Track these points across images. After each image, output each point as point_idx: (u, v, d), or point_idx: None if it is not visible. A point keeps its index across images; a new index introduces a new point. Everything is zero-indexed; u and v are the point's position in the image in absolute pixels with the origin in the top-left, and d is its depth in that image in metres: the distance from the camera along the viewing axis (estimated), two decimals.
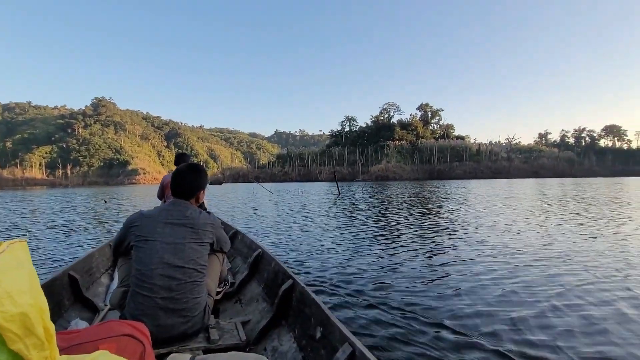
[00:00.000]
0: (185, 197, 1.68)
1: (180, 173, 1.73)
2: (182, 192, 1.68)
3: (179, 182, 1.69)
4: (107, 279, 2.62)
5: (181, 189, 1.68)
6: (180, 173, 1.73)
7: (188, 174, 1.73)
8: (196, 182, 1.72)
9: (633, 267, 3.78)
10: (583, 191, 19.72)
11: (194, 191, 1.71)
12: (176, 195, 1.69)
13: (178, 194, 1.68)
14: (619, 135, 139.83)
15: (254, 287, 2.37)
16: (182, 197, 1.68)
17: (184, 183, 1.69)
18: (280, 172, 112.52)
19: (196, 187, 1.72)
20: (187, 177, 1.71)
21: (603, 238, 5.49)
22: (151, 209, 1.66)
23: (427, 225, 7.20)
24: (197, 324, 1.54)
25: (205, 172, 1.81)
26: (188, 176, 1.72)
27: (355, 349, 1.18)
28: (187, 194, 1.69)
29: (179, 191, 1.68)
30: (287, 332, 1.70)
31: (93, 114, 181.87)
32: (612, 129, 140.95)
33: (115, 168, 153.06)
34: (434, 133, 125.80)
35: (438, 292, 3.00)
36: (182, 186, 1.69)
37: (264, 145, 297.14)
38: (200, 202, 1.70)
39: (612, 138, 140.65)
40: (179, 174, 1.72)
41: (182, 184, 1.69)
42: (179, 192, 1.68)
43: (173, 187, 1.70)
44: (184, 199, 1.68)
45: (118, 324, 1.02)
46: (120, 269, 1.72)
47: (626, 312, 2.56)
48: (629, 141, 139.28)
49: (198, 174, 1.75)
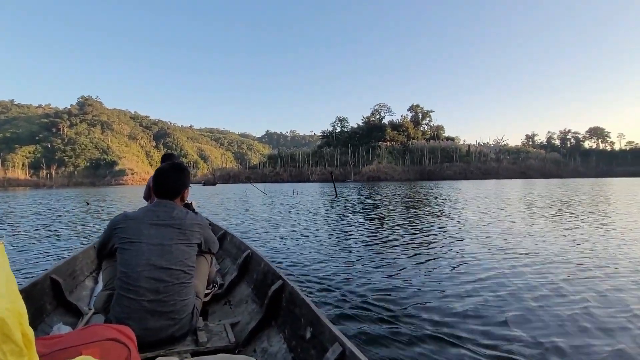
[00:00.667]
0: (170, 197, 1.65)
1: (163, 173, 1.69)
2: (166, 192, 1.65)
3: (162, 182, 1.66)
4: (92, 282, 2.54)
5: (165, 188, 1.65)
6: (162, 173, 1.69)
7: (171, 173, 1.69)
8: (180, 181, 1.69)
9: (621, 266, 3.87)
10: (571, 192, 20.02)
11: (178, 190, 1.68)
12: (160, 196, 1.65)
13: (162, 195, 1.65)
14: (602, 137, 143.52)
15: (244, 289, 2.34)
16: (166, 197, 1.64)
17: (167, 183, 1.66)
18: (272, 172, 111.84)
19: (180, 186, 1.69)
20: (170, 177, 1.67)
21: (586, 238, 5.63)
22: (136, 210, 1.62)
23: (422, 227, 7.06)
24: (184, 326, 1.51)
25: (187, 170, 1.78)
26: (171, 176, 1.68)
27: (345, 348, 1.18)
28: (172, 194, 1.66)
29: (162, 191, 1.65)
30: (277, 333, 1.69)
31: (79, 113, 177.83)
32: (596, 131, 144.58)
33: (102, 168, 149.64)
34: (425, 134, 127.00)
35: (429, 292, 3.02)
36: (165, 186, 1.65)
37: (255, 145, 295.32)
38: (185, 201, 1.74)
39: (596, 140, 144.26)
40: (162, 174, 1.68)
41: (165, 183, 1.65)
42: (162, 193, 1.65)
43: (156, 188, 1.66)
44: (169, 199, 1.64)
45: (102, 328, 1.00)
46: (105, 272, 1.66)
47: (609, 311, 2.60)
48: (612, 143, 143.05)
49: (181, 172, 1.72)
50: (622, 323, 2.37)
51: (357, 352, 1.14)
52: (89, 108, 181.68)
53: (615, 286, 3.13)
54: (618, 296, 2.89)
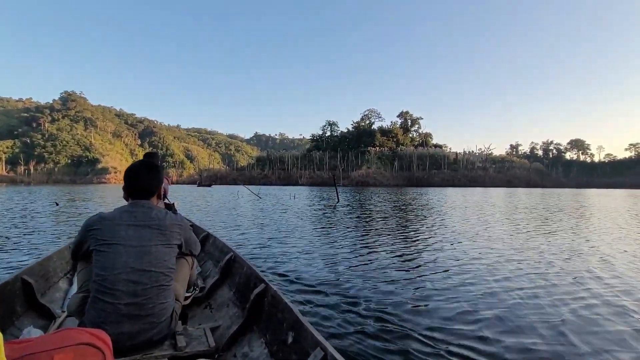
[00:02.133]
0: (145, 197, 1.59)
1: (135, 172, 1.60)
2: (142, 192, 1.58)
3: (135, 181, 1.58)
4: (66, 283, 2.44)
5: (139, 188, 1.58)
6: (134, 172, 1.60)
7: (142, 171, 1.61)
8: (153, 179, 1.61)
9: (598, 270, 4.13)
10: (552, 202, 20.39)
11: (153, 189, 1.61)
12: (135, 196, 1.58)
13: (137, 195, 1.58)
14: (583, 149, 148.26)
15: (225, 292, 2.30)
16: (141, 197, 1.58)
17: (140, 182, 1.59)
18: (260, 174, 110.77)
19: (156, 183, 1.62)
20: (142, 175, 1.59)
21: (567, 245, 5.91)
22: (111, 211, 1.55)
23: (416, 234, 6.96)
24: (163, 330, 1.47)
25: (160, 166, 1.71)
26: (143, 174, 1.60)
27: (327, 353, 1.17)
28: (147, 193, 1.59)
29: (137, 191, 1.58)
30: (258, 338, 1.66)
31: (62, 108, 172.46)
32: (577, 143, 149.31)
33: (84, 166, 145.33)
34: (413, 141, 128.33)
35: (413, 298, 3.02)
36: (138, 185, 1.58)
37: (243, 147, 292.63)
38: (165, 201, 1.72)
39: (577, 151, 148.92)
40: (134, 173, 1.60)
41: (138, 183, 1.58)
42: (137, 193, 1.58)
43: (129, 188, 1.59)
44: (144, 198, 1.58)
45: (76, 331, 0.96)
46: (80, 274, 1.60)
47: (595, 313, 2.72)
48: (591, 155, 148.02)
49: (154, 169, 1.63)
50: (599, 323, 2.52)
51: (339, 357, 1.13)
52: (72, 103, 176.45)
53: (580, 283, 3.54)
54: (588, 296, 3.13)
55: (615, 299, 3.07)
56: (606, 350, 2.09)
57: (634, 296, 3.16)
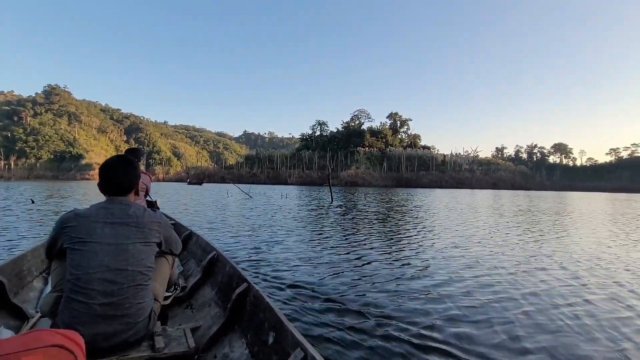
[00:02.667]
0: (122, 193, 1.54)
1: (110, 167, 1.53)
2: (119, 189, 1.52)
3: (111, 177, 1.52)
4: (41, 283, 2.36)
5: (115, 185, 1.52)
6: (109, 167, 1.53)
7: (119, 167, 1.55)
8: (130, 174, 1.56)
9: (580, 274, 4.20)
10: (534, 204, 21.22)
11: (130, 185, 1.56)
12: (110, 193, 1.52)
13: (113, 191, 1.52)
14: (565, 153, 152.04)
15: (207, 292, 2.27)
16: (118, 194, 1.53)
17: (116, 178, 1.52)
18: (249, 173, 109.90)
19: (133, 179, 1.57)
20: (119, 171, 1.54)
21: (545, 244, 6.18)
22: (87, 208, 1.50)
23: (407, 234, 7.05)
24: (140, 331, 1.44)
25: (136, 162, 1.63)
26: (119, 170, 1.54)
27: (308, 354, 1.17)
28: (125, 189, 1.54)
29: (114, 188, 1.52)
30: (239, 338, 1.65)
31: (45, 102, 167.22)
32: (560, 147, 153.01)
33: (67, 162, 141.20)
34: (402, 142, 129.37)
35: (395, 298, 3.04)
36: (115, 182, 1.52)
37: (232, 145, 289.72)
38: (144, 196, 1.65)
39: (560, 155, 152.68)
40: (110, 168, 1.53)
41: (115, 179, 1.52)
42: (114, 189, 1.52)
43: (104, 184, 1.52)
44: (121, 195, 1.53)
45: (47, 333, 0.93)
46: (54, 273, 1.54)
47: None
48: (574, 159, 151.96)
49: (130, 165, 1.57)
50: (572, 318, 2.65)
51: (319, 357, 1.14)
52: (56, 97, 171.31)
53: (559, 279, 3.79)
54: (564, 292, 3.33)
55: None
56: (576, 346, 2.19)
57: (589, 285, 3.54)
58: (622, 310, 2.88)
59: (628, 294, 3.32)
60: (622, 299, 3.14)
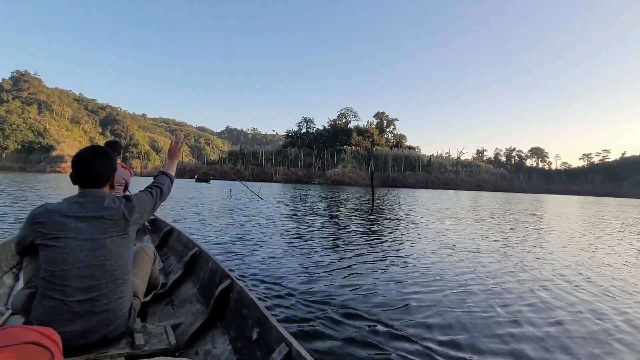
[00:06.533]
0: (98, 185, 1.45)
1: (84, 158, 1.45)
2: (94, 180, 1.44)
3: (87, 168, 1.43)
4: (12, 279, 2.28)
5: (90, 176, 1.43)
6: (84, 158, 1.45)
7: (94, 157, 1.46)
8: (107, 166, 1.48)
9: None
10: (513, 205, 21.45)
11: (106, 177, 1.48)
12: (84, 185, 1.43)
13: (87, 183, 1.43)
14: (542, 157, 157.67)
15: (189, 288, 2.25)
16: (92, 186, 1.44)
17: (92, 169, 1.44)
18: (232, 169, 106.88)
19: (108, 171, 1.48)
20: (95, 162, 1.45)
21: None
22: (59, 202, 1.42)
23: (394, 232, 7.14)
24: (119, 327, 1.40)
25: (112, 152, 1.55)
26: (96, 160, 1.46)
27: (292, 349, 1.17)
28: (99, 181, 1.45)
29: (89, 180, 1.43)
30: (221, 334, 1.62)
31: (12, 88, 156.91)
32: (536, 151, 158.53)
33: (37, 153, 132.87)
34: (388, 141, 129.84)
35: (379, 295, 3.09)
36: (89, 173, 1.43)
37: (214, 140, 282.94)
38: (124, 190, 1.58)
39: (537, 159, 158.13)
40: (83, 158, 1.45)
41: (90, 170, 1.43)
42: (89, 181, 1.43)
43: (77, 175, 1.44)
44: (96, 187, 1.45)
45: (21, 329, 0.90)
46: (26, 269, 1.47)
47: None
48: (549, 162, 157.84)
49: (105, 155, 1.49)
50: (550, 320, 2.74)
51: (304, 352, 1.13)
52: (25, 84, 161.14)
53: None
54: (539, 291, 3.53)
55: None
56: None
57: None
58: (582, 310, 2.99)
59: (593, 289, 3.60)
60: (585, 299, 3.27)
